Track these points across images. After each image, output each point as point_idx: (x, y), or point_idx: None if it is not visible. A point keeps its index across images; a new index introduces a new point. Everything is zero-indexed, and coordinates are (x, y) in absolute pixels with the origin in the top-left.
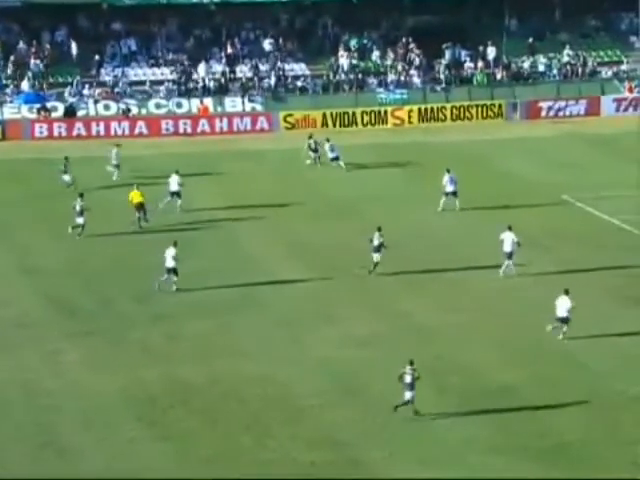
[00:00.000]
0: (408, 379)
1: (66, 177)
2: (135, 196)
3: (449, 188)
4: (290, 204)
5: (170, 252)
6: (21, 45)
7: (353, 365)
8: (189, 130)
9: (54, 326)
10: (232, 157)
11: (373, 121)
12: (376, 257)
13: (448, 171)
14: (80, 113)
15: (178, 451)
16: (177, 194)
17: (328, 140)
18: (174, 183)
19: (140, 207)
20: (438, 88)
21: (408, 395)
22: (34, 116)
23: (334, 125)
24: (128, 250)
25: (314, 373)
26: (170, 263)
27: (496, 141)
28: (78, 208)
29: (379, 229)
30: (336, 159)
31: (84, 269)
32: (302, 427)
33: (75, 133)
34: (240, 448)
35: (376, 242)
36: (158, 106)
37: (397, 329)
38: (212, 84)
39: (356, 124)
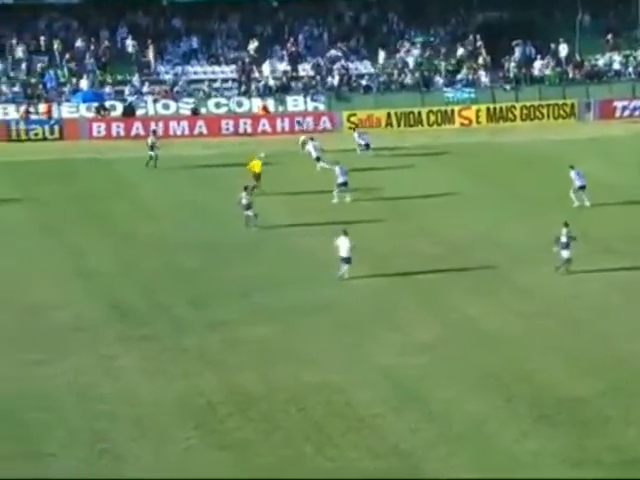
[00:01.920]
0: (563, 239)
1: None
2: (256, 165)
3: (578, 182)
4: (352, 206)
5: (342, 241)
6: (80, 43)
7: (417, 372)
8: (249, 130)
9: (109, 330)
10: (293, 157)
11: (439, 121)
12: (566, 254)
13: (572, 167)
14: (139, 112)
15: (236, 460)
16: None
17: (312, 139)
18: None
19: (258, 177)
20: (507, 87)
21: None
22: (92, 115)
23: (398, 125)
24: (181, 254)
25: (377, 380)
26: (344, 253)
27: (568, 142)
28: (244, 202)
29: (566, 224)
30: (318, 159)
31: (138, 272)
32: (364, 436)
33: (133, 133)
34: (300, 457)
35: (564, 239)
36: (218, 105)
37: (462, 335)
38: (274, 83)
39: (422, 124)
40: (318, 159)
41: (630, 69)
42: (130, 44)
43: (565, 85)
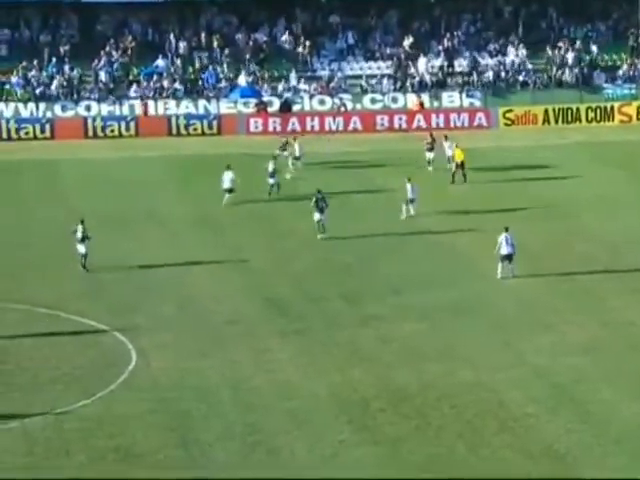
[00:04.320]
0: None
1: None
2: (459, 154)
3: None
4: (503, 205)
5: (507, 237)
6: (239, 38)
7: (572, 373)
8: (404, 126)
9: (264, 324)
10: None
11: (598, 117)
12: None
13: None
14: (295, 108)
15: (388, 456)
16: (412, 201)
17: (295, 139)
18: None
19: (462, 165)
20: None
21: None
22: (250, 110)
23: (556, 122)
24: (334, 249)
25: (530, 380)
26: (506, 250)
27: None
28: (320, 204)
29: None
30: (297, 159)
31: (293, 267)
32: (517, 435)
33: (290, 128)
34: (453, 455)
35: None
36: (373, 101)
37: (618, 338)
38: (429, 78)
39: (580, 120)
40: (297, 158)
41: None
42: (287, 40)
43: None
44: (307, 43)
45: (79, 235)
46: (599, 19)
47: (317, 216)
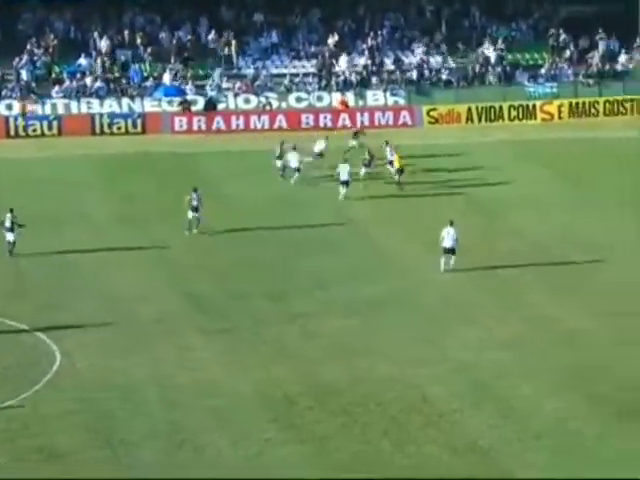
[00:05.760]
0: None
1: (278, 162)
2: (398, 161)
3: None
4: (428, 201)
5: (449, 231)
6: (162, 37)
7: (495, 368)
8: (329, 124)
9: (188, 322)
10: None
11: (521, 116)
12: None
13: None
14: (220, 107)
15: (315, 454)
16: (346, 183)
17: (294, 148)
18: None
19: (400, 172)
20: (591, 81)
21: None
22: (174, 109)
23: (479, 120)
24: (257, 247)
25: (454, 376)
26: (449, 243)
27: None
28: (194, 203)
29: None
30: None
31: (216, 265)
32: (442, 431)
33: (215, 127)
34: (379, 453)
35: None
36: (298, 99)
37: (540, 333)
38: (354, 77)
39: (503, 119)
40: (298, 170)
41: None
42: (211, 38)
43: None
44: (231, 41)
45: (7, 224)
46: (521, 18)
47: (191, 214)
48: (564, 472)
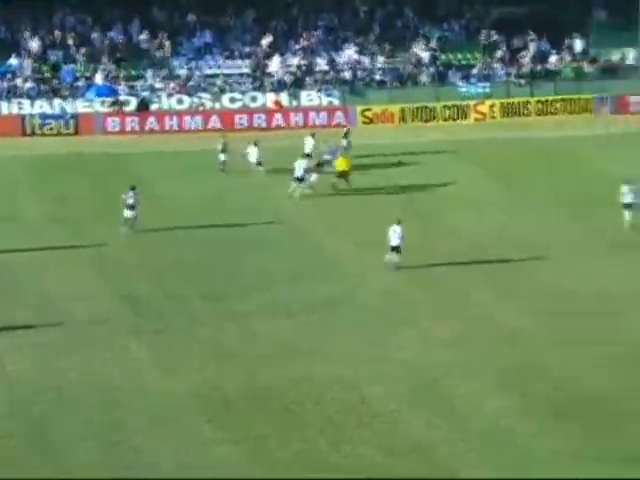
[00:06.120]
0: None
1: (222, 156)
2: (341, 164)
3: (626, 199)
4: (365, 201)
5: (395, 229)
6: (94, 37)
7: (435, 368)
8: (263, 125)
9: (123, 322)
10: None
11: (454, 116)
12: None
13: (627, 182)
14: (153, 107)
15: (250, 455)
16: (299, 179)
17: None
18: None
19: (343, 175)
20: (522, 82)
21: None
22: (107, 110)
23: (413, 120)
24: (193, 247)
25: (393, 376)
26: (395, 242)
27: (583, 137)
28: (130, 201)
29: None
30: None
31: (153, 265)
32: (379, 431)
33: (148, 128)
34: (315, 452)
35: None
36: (232, 100)
37: (480, 333)
38: (287, 77)
39: (436, 119)
40: (259, 164)
41: None
42: (144, 39)
43: (580, 80)
44: (164, 42)
45: None
46: (453, 19)
47: (127, 213)
48: (503, 471)
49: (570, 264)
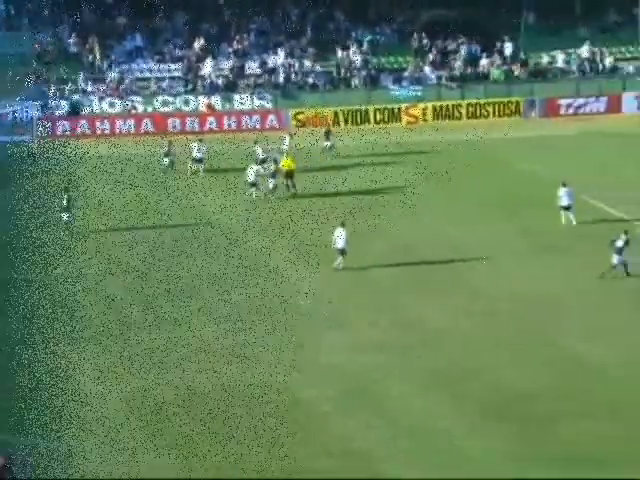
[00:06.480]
0: (619, 243)
1: (166, 159)
2: (287, 163)
3: (564, 202)
4: (299, 204)
5: (340, 233)
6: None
7: (364, 371)
8: (196, 128)
9: (57, 328)
10: (240, 156)
11: (386, 119)
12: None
13: (564, 185)
14: (84, 110)
15: (183, 460)
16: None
17: (201, 140)
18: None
19: (289, 175)
20: (453, 85)
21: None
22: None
23: (346, 122)
24: (124, 250)
25: (324, 379)
26: (341, 244)
27: (513, 139)
28: (65, 203)
29: (625, 232)
30: (200, 161)
31: (88, 271)
32: (312, 434)
33: (79, 131)
34: (250, 456)
35: (620, 243)
36: (165, 103)
37: (410, 334)
38: (220, 81)
39: (369, 122)
40: (201, 161)
41: (574, 67)
42: (74, 41)
43: (510, 83)
44: (95, 45)
45: None
46: (384, 22)
47: (64, 216)
48: (437, 471)
49: (502, 265)
